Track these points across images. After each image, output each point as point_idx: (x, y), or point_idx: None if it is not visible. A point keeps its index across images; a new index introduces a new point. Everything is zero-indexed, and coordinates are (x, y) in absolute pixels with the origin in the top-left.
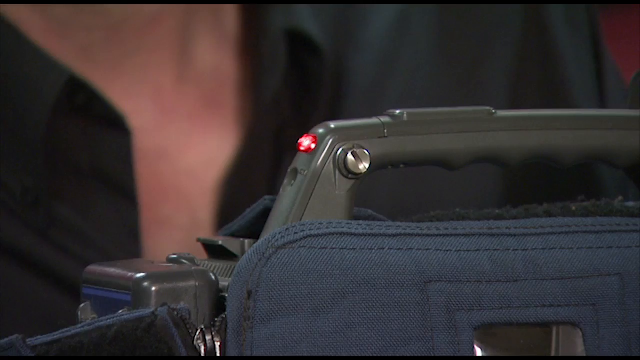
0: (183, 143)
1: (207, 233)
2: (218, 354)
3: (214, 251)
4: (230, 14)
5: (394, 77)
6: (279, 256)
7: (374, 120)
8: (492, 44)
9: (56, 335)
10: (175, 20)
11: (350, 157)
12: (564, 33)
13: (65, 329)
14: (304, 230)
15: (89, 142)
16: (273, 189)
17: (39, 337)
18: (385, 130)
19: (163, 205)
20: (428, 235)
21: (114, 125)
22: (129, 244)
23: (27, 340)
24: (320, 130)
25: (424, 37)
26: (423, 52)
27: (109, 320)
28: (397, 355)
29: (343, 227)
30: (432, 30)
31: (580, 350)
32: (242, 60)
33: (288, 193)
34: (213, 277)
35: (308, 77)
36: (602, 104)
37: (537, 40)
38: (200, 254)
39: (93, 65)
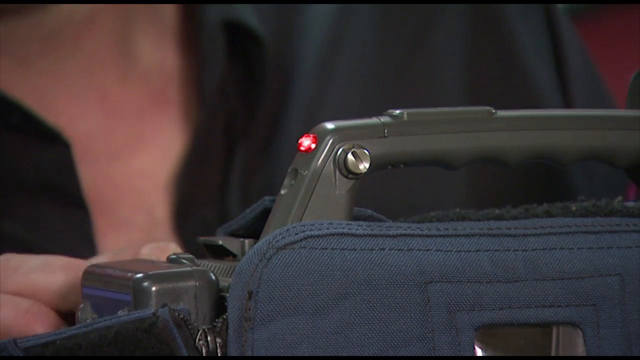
0: (133, 143)
1: (165, 231)
2: (219, 355)
3: (214, 251)
4: (169, 10)
5: (339, 61)
6: (279, 257)
7: (374, 120)
8: (438, 25)
9: (50, 337)
10: (112, 22)
11: (350, 157)
12: (518, 23)
13: (61, 331)
14: (304, 231)
15: (30, 156)
16: (226, 181)
17: (31, 338)
18: (385, 130)
19: (119, 208)
20: (429, 236)
21: (52, 140)
22: (84, 251)
23: (20, 341)
24: (320, 130)
25: (368, 20)
26: (367, 35)
27: (107, 322)
28: (398, 355)
29: (344, 228)
30: (376, 14)
31: (580, 351)
32: (185, 55)
33: (288, 193)
34: (213, 277)
35: (252, 67)
36: (565, 92)
37: (490, 29)
38: None
39: (33, 74)
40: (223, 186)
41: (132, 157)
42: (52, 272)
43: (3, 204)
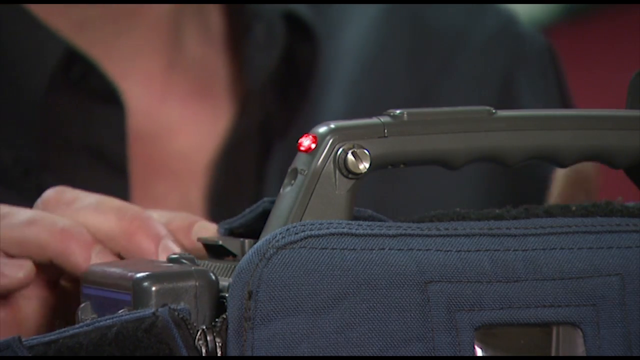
0: (174, 127)
1: (197, 213)
2: (219, 355)
3: (214, 251)
4: (214, 11)
5: (375, 73)
6: (279, 257)
7: (374, 120)
8: (455, 72)
9: (53, 335)
10: (164, 10)
11: (350, 157)
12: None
13: (64, 330)
14: (304, 231)
15: (82, 117)
16: (261, 177)
17: (35, 337)
18: (386, 130)
19: (155, 184)
20: (428, 236)
21: (108, 99)
22: None
23: (24, 340)
24: (321, 130)
25: (405, 37)
26: (402, 51)
27: (108, 321)
28: (398, 355)
29: (344, 228)
30: (413, 30)
31: (580, 351)
32: (230, 53)
33: (288, 193)
34: (213, 277)
35: (299, 65)
36: None
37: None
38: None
39: (88, 42)
40: (257, 182)
41: (172, 139)
42: (104, 213)
43: (48, 158)
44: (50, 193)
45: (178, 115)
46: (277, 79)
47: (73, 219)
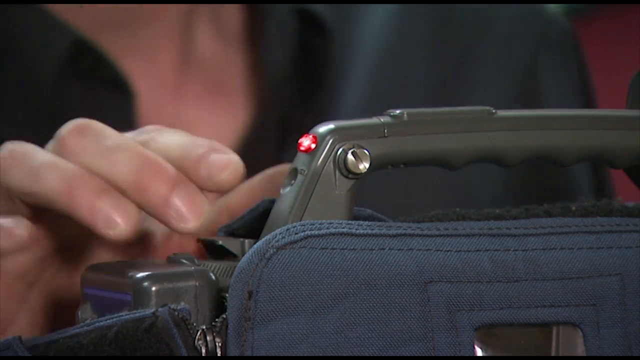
0: (190, 124)
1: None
2: (219, 355)
3: (214, 251)
4: (230, 10)
5: (393, 65)
6: (279, 257)
7: (374, 120)
8: (490, 39)
9: (54, 336)
10: (178, 10)
11: (350, 157)
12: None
13: (64, 330)
14: (304, 231)
15: (92, 106)
16: None
17: (36, 337)
18: (386, 130)
19: None
20: (428, 236)
21: (118, 88)
22: None
23: (24, 340)
24: (320, 130)
25: (423, 28)
26: (421, 42)
27: (108, 321)
28: (398, 355)
29: (344, 228)
30: (431, 23)
31: (580, 351)
32: (244, 50)
33: (288, 193)
34: (213, 277)
35: (314, 59)
36: None
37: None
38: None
39: (104, 43)
40: None
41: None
42: (117, 162)
43: None
44: (70, 129)
45: (193, 112)
46: (293, 74)
47: (86, 166)
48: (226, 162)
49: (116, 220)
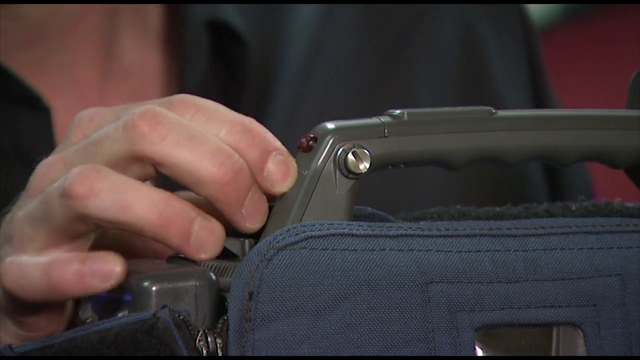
0: None
1: None
2: (220, 356)
3: None
4: (154, 10)
5: (319, 68)
6: (280, 257)
7: (374, 120)
8: (418, 40)
9: (47, 341)
10: (98, 19)
11: (350, 157)
12: (494, 50)
13: (61, 334)
14: (305, 232)
15: (8, 123)
16: None
17: (27, 343)
18: (386, 130)
19: None
20: (429, 236)
21: (31, 105)
22: None
23: (14, 347)
24: (321, 130)
25: (350, 30)
26: (348, 44)
27: (107, 324)
28: (399, 355)
29: (344, 228)
30: (358, 25)
31: (581, 351)
32: (168, 55)
33: (288, 193)
34: (213, 277)
35: (234, 68)
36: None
37: (466, 55)
38: None
39: (16, 65)
40: None
41: None
42: (201, 156)
43: None
44: (142, 115)
45: None
46: (213, 82)
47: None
48: (286, 170)
49: (208, 245)
